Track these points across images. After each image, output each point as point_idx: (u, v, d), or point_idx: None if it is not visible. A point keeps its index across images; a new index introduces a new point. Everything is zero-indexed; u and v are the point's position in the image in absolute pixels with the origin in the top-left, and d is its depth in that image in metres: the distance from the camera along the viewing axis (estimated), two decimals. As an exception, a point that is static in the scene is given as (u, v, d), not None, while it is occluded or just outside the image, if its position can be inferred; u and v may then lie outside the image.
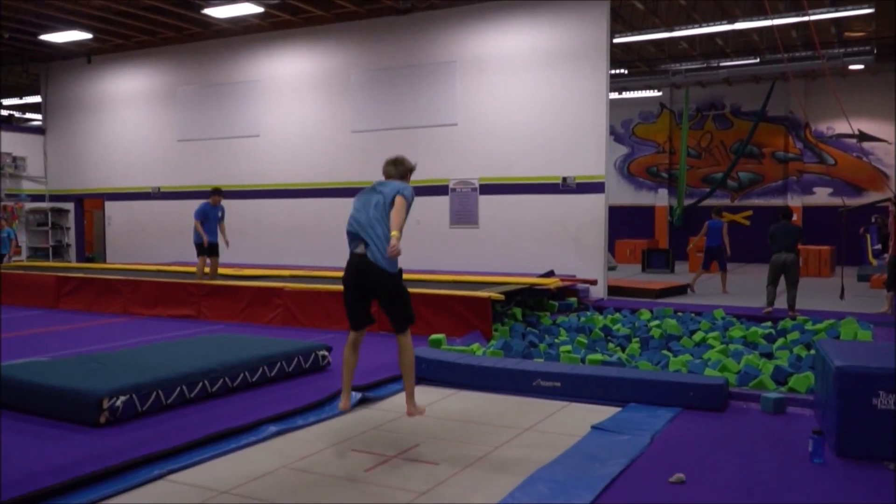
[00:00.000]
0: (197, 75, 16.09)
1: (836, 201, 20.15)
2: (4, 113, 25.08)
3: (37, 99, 19.70)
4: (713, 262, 13.92)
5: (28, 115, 25.64)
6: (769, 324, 9.31)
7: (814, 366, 6.06)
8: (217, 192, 11.38)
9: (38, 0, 13.75)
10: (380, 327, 9.08)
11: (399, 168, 5.34)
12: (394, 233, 4.78)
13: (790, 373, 6.32)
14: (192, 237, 11.21)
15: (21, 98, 22.79)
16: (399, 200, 4.90)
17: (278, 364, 6.35)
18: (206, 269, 11.33)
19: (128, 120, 17.04)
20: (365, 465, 4.50)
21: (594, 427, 5.10)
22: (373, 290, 4.98)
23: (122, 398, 5.07)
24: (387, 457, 4.64)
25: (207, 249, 11.25)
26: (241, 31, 15.23)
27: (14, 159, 17.59)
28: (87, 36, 15.54)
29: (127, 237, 17.06)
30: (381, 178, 5.48)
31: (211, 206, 11.32)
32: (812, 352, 7.07)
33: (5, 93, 23.07)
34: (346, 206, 15.83)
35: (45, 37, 15.57)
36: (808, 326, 8.87)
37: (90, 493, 3.91)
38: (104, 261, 17.56)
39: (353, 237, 5.04)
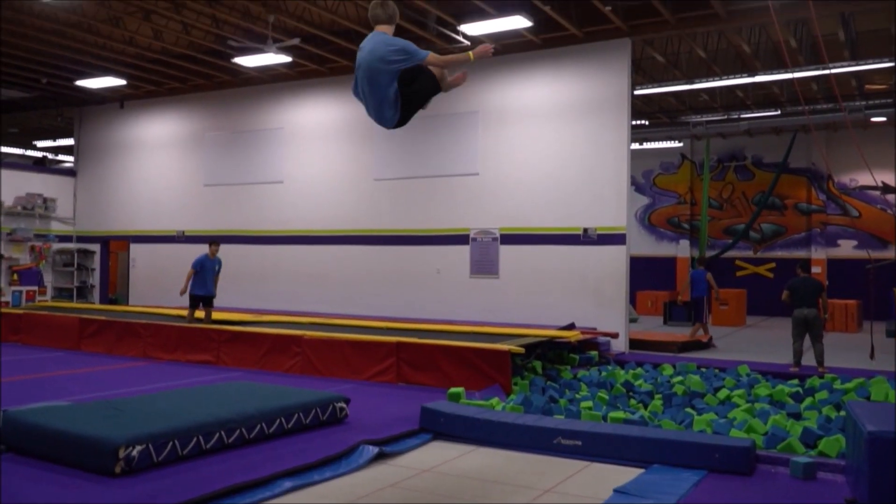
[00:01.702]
0: (224, 121, 16.37)
1: (862, 254, 19.93)
2: (38, 154, 25.62)
3: (70, 142, 20.10)
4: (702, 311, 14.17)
5: (60, 157, 26.16)
6: (796, 381, 9.12)
7: (844, 428, 5.92)
8: (215, 243, 11.57)
9: (75, 47, 14.16)
10: (397, 378, 9.03)
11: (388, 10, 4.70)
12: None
13: (820, 435, 6.15)
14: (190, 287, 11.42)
15: (54, 140, 23.32)
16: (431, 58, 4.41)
17: (295, 415, 6.28)
18: (199, 314, 11.44)
19: (156, 164, 17.31)
20: (381, 524, 4.40)
21: (616, 490, 4.98)
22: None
23: (139, 448, 5.03)
24: (404, 516, 4.55)
25: (202, 301, 11.40)
26: (268, 79, 15.52)
27: (45, 200, 17.89)
28: (122, 82, 15.92)
29: (150, 280, 17.19)
30: (399, 224, 5.46)
31: (208, 258, 11.49)
32: (842, 413, 6.91)
33: (40, 135, 23.61)
34: (367, 253, 15.91)
35: (80, 82, 15.98)
36: (837, 385, 8.67)
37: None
38: (127, 303, 17.68)
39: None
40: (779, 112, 18.12)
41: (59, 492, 4.66)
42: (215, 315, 11.86)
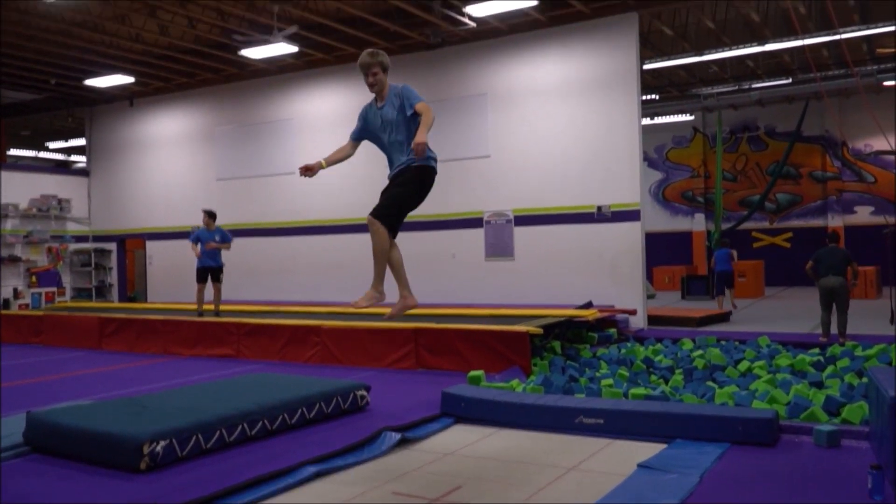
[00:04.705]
0: (234, 115, 16.38)
1: (879, 220, 19.75)
2: (50, 156, 25.81)
3: (81, 142, 20.21)
4: (724, 285, 14.74)
5: (73, 158, 26.35)
6: (817, 350, 9.07)
7: (867, 395, 5.88)
8: (208, 214, 11.52)
9: (82, 46, 14.19)
10: (417, 363, 9.06)
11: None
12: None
13: (843, 403, 6.12)
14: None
15: (66, 141, 23.47)
16: (423, 108, 4.85)
17: (317, 405, 6.31)
18: (207, 307, 11.49)
19: (168, 160, 17.37)
20: (407, 508, 4.43)
21: (640, 465, 4.97)
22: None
23: (163, 443, 5.07)
24: (429, 500, 4.57)
25: (209, 273, 11.40)
26: (276, 70, 15.50)
27: (59, 201, 18.01)
28: (130, 80, 15.96)
29: (167, 276, 17.29)
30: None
31: (206, 230, 11.45)
32: (864, 380, 6.87)
33: (52, 136, 23.76)
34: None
35: (89, 82, 16.02)
36: (858, 352, 8.62)
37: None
38: (145, 300, 17.81)
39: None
40: (790, 80, 17.92)
41: (88, 490, 4.71)
42: (234, 308, 11.87)
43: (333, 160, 5.28)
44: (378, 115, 5.24)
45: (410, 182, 4.95)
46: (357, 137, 5.49)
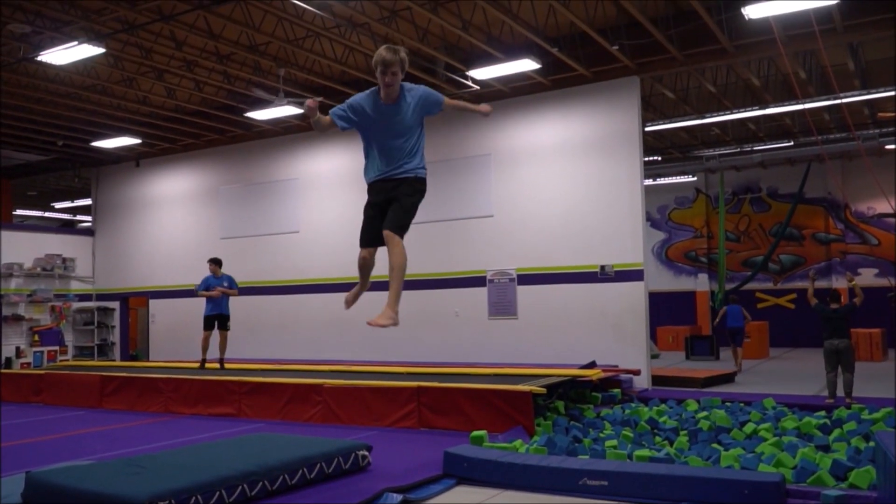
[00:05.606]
0: (239, 174, 16.58)
1: (883, 282, 19.73)
2: (56, 216, 26.06)
3: (87, 202, 20.42)
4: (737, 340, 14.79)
5: (79, 217, 26.59)
6: (823, 413, 8.96)
7: (874, 459, 5.79)
8: (214, 262, 11.63)
9: (90, 109, 14.48)
10: (419, 423, 8.97)
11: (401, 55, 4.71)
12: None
13: (850, 467, 6.02)
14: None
15: (73, 201, 23.71)
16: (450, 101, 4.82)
17: (318, 465, 6.24)
18: (211, 365, 11.51)
19: (173, 220, 17.52)
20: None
21: (645, 530, 4.88)
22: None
23: (162, 504, 5.01)
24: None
25: (216, 321, 11.46)
26: (281, 131, 15.75)
27: (64, 261, 18.11)
28: (137, 141, 16.23)
29: (170, 334, 17.26)
30: (416, 268, 5.53)
31: (213, 277, 11.53)
32: (871, 443, 6.77)
33: (58, 196, 24.04)
34: (385, 298, 15.79)
35: (96, 143, 16.30)
36: (865, 415, 8.51)
37: None
38: (147, 358, 17.73)
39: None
40: (792, 143, 18.10)
41: (83, 551, 4.64)
42: (236, 366, 11.82)
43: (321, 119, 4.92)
44: (384, 115, 4.85)
45: (418, 192, 4.87)
46: (340, 121, 4.97)
